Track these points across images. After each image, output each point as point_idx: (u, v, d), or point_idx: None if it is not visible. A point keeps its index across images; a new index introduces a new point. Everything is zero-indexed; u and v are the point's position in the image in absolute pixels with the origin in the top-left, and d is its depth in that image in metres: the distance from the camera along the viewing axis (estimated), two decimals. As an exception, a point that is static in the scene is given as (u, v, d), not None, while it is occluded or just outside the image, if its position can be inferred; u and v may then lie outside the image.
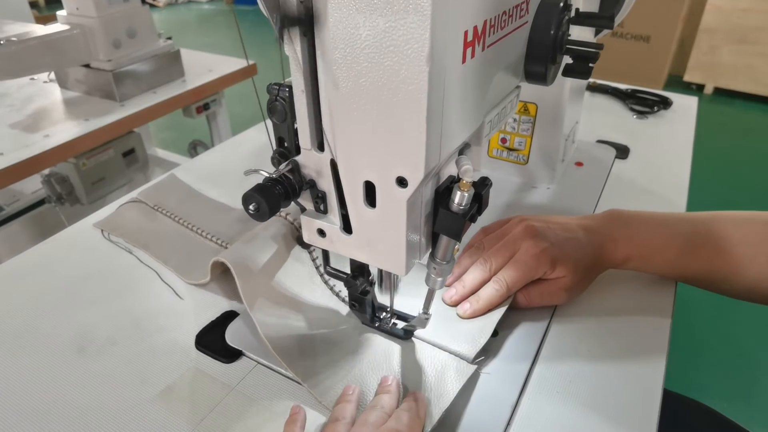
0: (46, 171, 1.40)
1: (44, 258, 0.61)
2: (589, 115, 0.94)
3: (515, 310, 0.52)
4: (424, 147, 0.32)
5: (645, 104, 0.96)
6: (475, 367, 0.45)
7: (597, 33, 0.72)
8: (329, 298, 0.53)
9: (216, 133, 1.63)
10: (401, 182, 0.35)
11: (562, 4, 0.44)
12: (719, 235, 0.51)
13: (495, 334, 0.50)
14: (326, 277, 0.54)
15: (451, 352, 0.47)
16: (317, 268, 0.54)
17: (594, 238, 0.52)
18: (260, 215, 0.38)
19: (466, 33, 0.32)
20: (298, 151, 0.40)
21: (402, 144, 0.33)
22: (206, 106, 1.51)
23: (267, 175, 0.39)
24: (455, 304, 0.51)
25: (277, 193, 0.39)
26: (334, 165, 0.38)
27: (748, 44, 2.86)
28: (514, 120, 0.71)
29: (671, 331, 0.51)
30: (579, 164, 0.78)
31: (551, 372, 0.46)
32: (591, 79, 1.04)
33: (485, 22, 0.35)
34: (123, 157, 1.48)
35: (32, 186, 1.55)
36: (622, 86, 1.02)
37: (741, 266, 0.50)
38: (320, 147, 0.38)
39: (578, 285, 0.51)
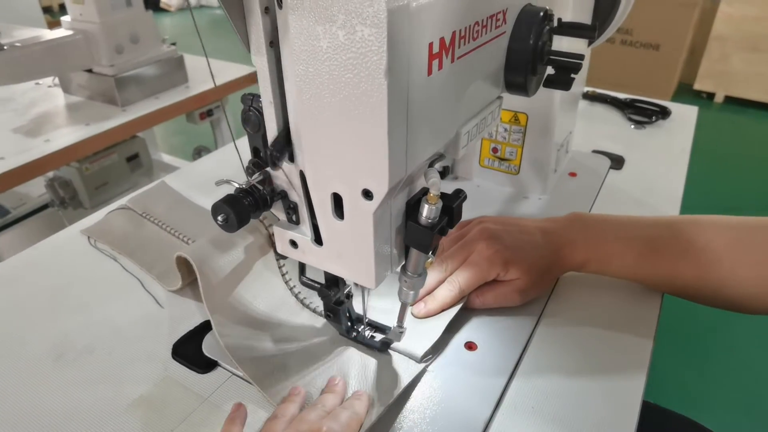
0: (50, 175, 1.41)
1: (30, 264, 0.61)
2: (586, 125, 0.93)
3: (497, 323, 0.51)
4: (387, 159, 0.32)
5: (644, 114, 0.95)
6: (423, 366, 0.46)
7: (590, 43, 0.71)
8: (309, 314, 0.53)
9: (220, 139, 1.64)
10: (367, 194, 0.34)
11: (542, 14, 0.43)
12: (683, 239, 0.50)
13: (474, 348, 0.49)
14: (296, 290, 0.54)
15: (400, 352, 0.47)
16: (287, 282, 0.54)
17: (552, 240, 0.52)
18: (229, 226, 0.38)
19: (431, 45, 0.32)
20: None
21: (366, 156, 0.32)
22: (209, 113, 1.52)
23: (238, 185, 0.39)
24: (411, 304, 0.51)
25: (247, 204, 0.39)
26: (303, 176, 0.38)
27: (759, 52, 2.83)
28: (505, 130, 0.70)
29: (655, 344, 0.50)
30: (572, 174, 0.77)
31: (529, 387, 0.45)
32: (589, 88, 1.03)
33: (454, 33, 0.34)
34: (127, 161, 1.49)
35: (38, 190, 1.57)
36: (621, 95, 1.01)
37: (705, 271, 0.49)
38: (291, 158, 0.38)
39: (533, 287, 0.51)
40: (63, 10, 1.24)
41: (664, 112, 0.95)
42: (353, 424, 0.39)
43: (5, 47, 1.06)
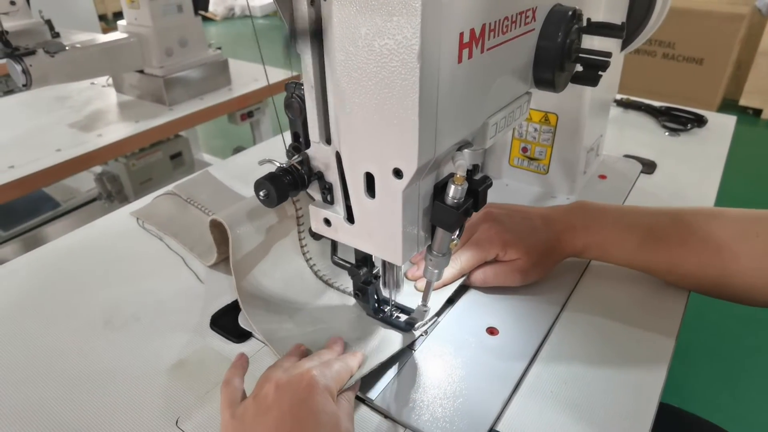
0: (99, 169, 1.50)
1: (84, 240, 0.66)
2: (619, 131, 0.93)
3: (519, 310, 0.53)
4: (417, 140, 0.34)
5: (678, 122, 0.94)
6: (418, 334, 0.50)
7: (624, 47, 0.73)
8: (335, 294, 0.55)
9: (259, 139, 1.70)
10: (397, 173, 0.37)
11: (570, 14, 0.45)
12: (685, 228, 0.51)
13: (496, 333, 0.51)
14: (320, 271, 0.57)
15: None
16: (311, 266, 0.57)
17: (552, 225, 0.54)
18: (269, 201, 0.41)
19: (461, 35, 0.34)
20: (309, 144, 0.43)
21: (397, 136, 0.35)
22: (250, 114, 1.58)
23: (279, 164, 0.42)
24: (416, 279, 0.55)
25: (287, 182, 0.42)
26: (338, 157, 0.40)
27: (809, 68, 2.74)
28: (535, 130, 0.71)
29: (677, 343, 0.50)
30: (602, 177, 0.78)
31: (548, 372, 0.47)
32: (623, 96, 1.04)
33: (483, 25, 0.36)
34: (170, 159, 1.57)
35: (87, 185, 1.66)
36: (656, 103, 1.01)
37: (707, 260, 0.50)
38: (328, 140, 0.41)
39: (533, 268, 0.53)
40: (116, 17, 1.33)
41: (699, 121, 0.94)
42: (343, 374, 0.42)
43: (67, 48, 1.13)
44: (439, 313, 0.52)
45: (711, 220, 0.51)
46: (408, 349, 0.49)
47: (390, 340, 0.48)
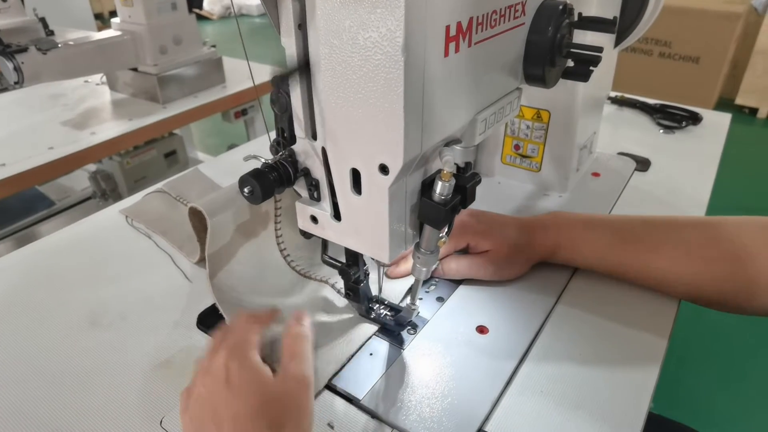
0: (93, 168, 1.49)
1: (73, 238, 0.66)
2: (613, 128, 0.93)
3: (509, 309, 0.52)
4: (402, 135, 0.34)
5: (673, 119, 0.94)
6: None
7: (617, 43, 0.72)
8: (309, 285, 0.55)
9: (253, 137, 1.69)
10: (383, 169, 0.36)
11: (561, 8, 0.45)
12: (656, 232, 0.53)
13: (485, 331, 0.50)
14: (294, 263, 0.57)
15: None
16: (282, 251, 0.57)
17: (525, 226, 0.56)
18: (254, 198, 0.41)
19: (447, 28, 0.34)
20: (294, 140, 0.42)
21: (383, 132, 0.34)
22: (244, 112, 1.57)
23: (264, 161, 0.42)
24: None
25: (272, 179, 0.41)
26: (325, 153, 0.40)
27: (806, 67, 2.74)
28: (528, 127, 0.71)
29: (670, 344, 0.50)
30: (596, 174, 0.77)
31: (538, 372, 0.46)
32: (618, 93, 1.03)
33: (470, 19, 0.36)
34: (165, 157, 1.56)
35: (81, 184, 1.65)
36: (651, 101, 1.01)
37: (677, 263, 0.51)
38: (314, 136, 0.40)
39: (506, 263, 0.54)
40: (112, 16, 1.31)
41: (694, 118, 0.94)
42: (247, 331, 0.43)
43: (60, 45, 1.12)
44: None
45: (679, 228, 0.53)
46: (397, 347, 0.48)
47: (359, 330, 0.49)
